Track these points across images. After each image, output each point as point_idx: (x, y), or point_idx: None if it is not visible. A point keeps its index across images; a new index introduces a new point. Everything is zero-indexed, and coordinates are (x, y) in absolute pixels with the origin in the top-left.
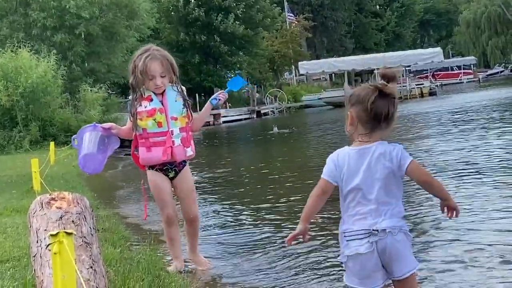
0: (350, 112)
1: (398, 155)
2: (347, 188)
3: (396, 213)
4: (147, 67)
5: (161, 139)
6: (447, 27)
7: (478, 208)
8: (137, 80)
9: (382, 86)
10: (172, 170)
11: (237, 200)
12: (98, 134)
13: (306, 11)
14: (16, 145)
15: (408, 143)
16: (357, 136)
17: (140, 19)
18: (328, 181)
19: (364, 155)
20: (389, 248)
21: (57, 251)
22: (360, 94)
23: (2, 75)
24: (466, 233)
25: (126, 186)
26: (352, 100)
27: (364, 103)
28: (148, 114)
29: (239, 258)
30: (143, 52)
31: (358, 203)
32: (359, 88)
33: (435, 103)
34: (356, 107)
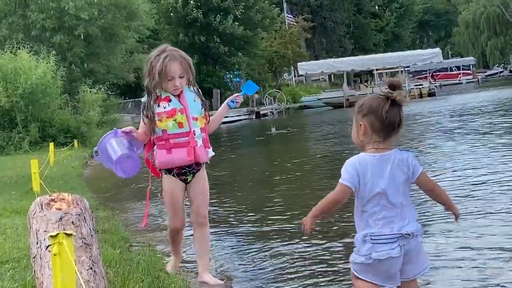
0: (362, 122)
1: (412, 163)
2: (371, 193)
3: (415, 216)
4: (166, 68)
5: (183, 140)
6: (446, 28)
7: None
8: (154, 81)
9: (394, 95)
10: (190, 173)
11: (235, 200)
12: (122, 139)
13: (305, 11)
14: (15, 146)
15: (408, 143)
16: (371, 144)
17: (139, 20)
18: (349, 187)
19: (385, 162)
20: (412, 250)
21: (57, 252)
22: (372, 104)
23: (2, 76)
24: (468, 235)
25: (125, 187)
26: (363, 111)
27: (378, 112)
28: (168, 114)
29: (241, 260)
30: (160, 52)
31: (384, 206)
32: (369, 98)
33: (435, 104)
34: (369, 117)
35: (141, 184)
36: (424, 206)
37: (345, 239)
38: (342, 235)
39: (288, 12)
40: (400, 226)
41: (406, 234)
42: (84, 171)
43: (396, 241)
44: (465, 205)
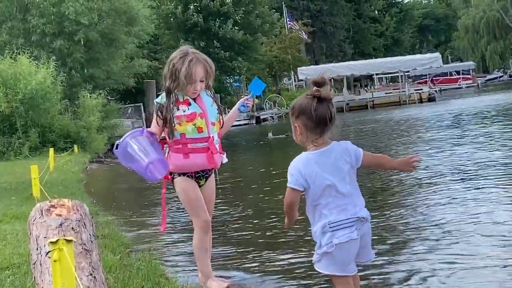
0: (297, 124)
1: (353, 149)
2: (321, 187)
3: (363, 203)
4: (191, 71)
5: (202, 145)
6: (446, 32)
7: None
8: (177, 84)
9: (318, 92)
10: (203, 177)
11: (231, 205)
12: (148, 139)
13: (305, 16)
14: (15, 151)
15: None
16: (310, 143)
17: (139, 25)
18: (296, 189)
19: (327, 156)
20: (366, 234)
21: (57, 259)
22: (301, 105)
23: (1, 81)
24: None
25: (125, 191)
26: (295, 113)
27: (307, 112)
28: (188, 118)
29: (242, 264)
30: (184, 55)
31: (335, 197)
32: (298, 100)
33: (435, 108)
34: (301, 118)
35: (142, 189)
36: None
37: None
38: None
39: (288, 17)
40: (354, 211)
41: (361, 218)
42: (84, 176)
43: (353, 225)
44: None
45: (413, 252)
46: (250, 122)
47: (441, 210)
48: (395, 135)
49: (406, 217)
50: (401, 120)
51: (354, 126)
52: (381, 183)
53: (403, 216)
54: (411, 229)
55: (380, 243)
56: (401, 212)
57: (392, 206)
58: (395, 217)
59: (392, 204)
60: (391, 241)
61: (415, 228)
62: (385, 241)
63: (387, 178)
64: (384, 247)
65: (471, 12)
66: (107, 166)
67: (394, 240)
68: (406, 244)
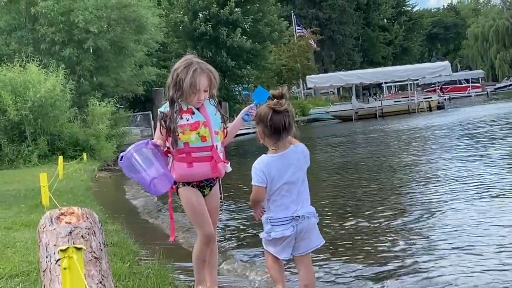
0: (257, 129)
1: (306, 151)
2: (275, 186)
3: (309, 200)
4: (195, 81)
5: (205, 154)
6: (455, 41)
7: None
8: (180, 93)
9: (275, 105)
10: (208, 186)
11: (237, 213)
12: (152, 151)
13: (313, 25)
14: (24, 159)
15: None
16: (270, 146)
17: (148, 34)
18: (260, 186)
19: (286, 158)
20: (305, 230)
21: (66, 266)
22: (261, 114)
23: (11, 89)
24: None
25: (133, 200)
26: (256, 119)
27: (264, 121)
28: (191, 127)
29: (249, 273)
30: (187, 64)
31: (283, 196)
32: (261, 108)
33: (444, 117)
34: (260, 125)
35: (150, 196)
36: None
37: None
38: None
39: (298, 25)
40: (294, 210)
41: (296, 217)
42: (93, 184)
43: (289, 223)
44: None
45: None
46: None
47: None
48: (402, 143)
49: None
50: (409, 129)
51: (363, 135)
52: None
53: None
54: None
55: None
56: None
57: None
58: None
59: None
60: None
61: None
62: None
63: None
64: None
65: (480, 20)
66: (116, 174)
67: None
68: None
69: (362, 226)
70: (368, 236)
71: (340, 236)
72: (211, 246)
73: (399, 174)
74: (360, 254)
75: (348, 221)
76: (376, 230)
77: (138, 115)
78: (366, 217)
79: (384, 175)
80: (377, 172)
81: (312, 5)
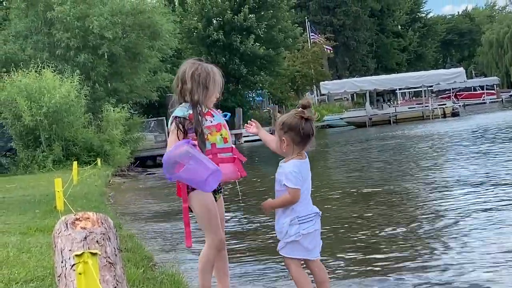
0: (285, 138)
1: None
2: (304, 186)
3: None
4: (218, 80)
5: (228, 155)
6: (470, 47)
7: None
8: (206, 93)
9: (306, 114)
10: (219, 192)
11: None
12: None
13: (327, 31)
14: (39, 164)
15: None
16: (294, 153)
17: (162, 40)
18: (299, 189)
19: (307, 165)
20: (319, 227)
21: (82, 271)
22: (291, 123)
23: (26, 95)
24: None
25: (147, 204)
26: (285, 128)
27: (296, 129)
28: (216, 128)
29: (261, 280)
30: (202, 66)
31: (306, 196)
32: (287, 118)
33: (459, 124)
34: (289, 133)
35: (164, 201)
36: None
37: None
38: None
39: (312, 31)
40: (312, 207)
41: (316, 213)
42: (107, 189)
43: (314, 218)
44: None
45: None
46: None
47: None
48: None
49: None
50: (424, 135)
51: (376, 142)
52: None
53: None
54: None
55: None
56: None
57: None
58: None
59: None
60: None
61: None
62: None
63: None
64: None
65: (495, 27)
66: (130, 180)
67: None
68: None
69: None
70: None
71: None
72: (222, 252)
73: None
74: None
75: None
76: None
77: (152, 121)
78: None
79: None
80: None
81: (326, 11)
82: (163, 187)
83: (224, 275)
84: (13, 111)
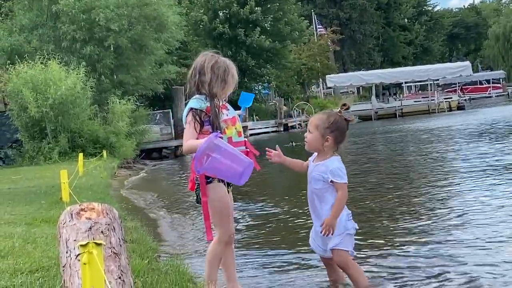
0: (329, 136)
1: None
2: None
3: None
4: (234, 72)
5: (242, 149)
6: (476, 41)
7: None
8: (224, 85)
9: (350, 118)
10: (230, 185)
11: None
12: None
13: (334, 24)
14: (45, 156)
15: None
16: (331, 151)
17: (168, 32)
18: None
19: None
20: None
21: (86, 262)
22: (340, 123)
23: (32, 87)
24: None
25: (153, 196)
26: (332, 127)
27: (342, 129)
28: (232, 122)
29: (267, 273)
30: (219, 59)
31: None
32: (335, 117)
33: (465, 117)
34: (335, 133)
35: (170, 194)
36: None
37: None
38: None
39: (318, 24)
40: None
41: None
42: (112, 181)
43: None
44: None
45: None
46: (279, 130)
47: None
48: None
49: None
50: (427, 129)
51: (381, 135)
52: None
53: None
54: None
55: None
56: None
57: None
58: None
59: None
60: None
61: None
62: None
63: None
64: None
65: (501, 20)
66: (135, 172)
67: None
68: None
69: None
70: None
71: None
72: (231, 246)
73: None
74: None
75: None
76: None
77: (157, 113)
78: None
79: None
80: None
81: (332, 4)
82: (168, 178)
83: (232, 266)
84: (19, 103)
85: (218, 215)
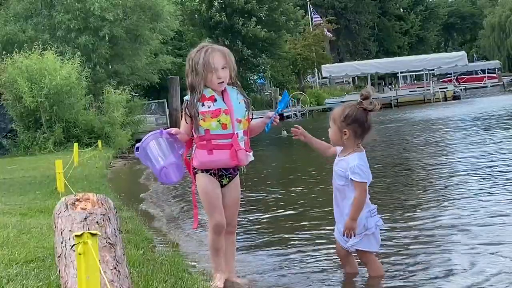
0: (347, 129)
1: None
2: (369, 179)
3: None
4: (208, 60)
5: (225, 141)
6: (472, 31)
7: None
8: (199, 77)
9: (371, 107)
10: (226, 177)
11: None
12: (167, 140)
13: (329, 14)
14: (40, 146)
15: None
16: (354, 145)
17: (164, 22)
18: (366, 182)
19: (365, 156)
20: None
21: (81, 252)
22: (356, 115)
23: (27, 76)
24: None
25: (148, 187)
26: (348, 120)
27: (361, 121)
28: (212, 114)
29: (264, 263)
30: (200, 48)
31: (368, 189)
32: (351, 109)
33: (460, 107)
34: (353, 125)
35: (164, 185)
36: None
37: None
38: None
39: (314, 13)
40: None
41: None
42: (108, 171)
43: (376, 210)
44: None
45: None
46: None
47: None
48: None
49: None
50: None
51: (377, 125)
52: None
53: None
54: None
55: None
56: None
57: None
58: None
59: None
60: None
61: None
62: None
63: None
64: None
65: (497, 10)
66: (130, 162)
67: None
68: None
69: None
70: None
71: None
72: (231, 237)
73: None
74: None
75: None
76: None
77: (153, 103)
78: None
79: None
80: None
81: None
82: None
83: (230, 258)
84: (13, 92)
85: (204, 203)
